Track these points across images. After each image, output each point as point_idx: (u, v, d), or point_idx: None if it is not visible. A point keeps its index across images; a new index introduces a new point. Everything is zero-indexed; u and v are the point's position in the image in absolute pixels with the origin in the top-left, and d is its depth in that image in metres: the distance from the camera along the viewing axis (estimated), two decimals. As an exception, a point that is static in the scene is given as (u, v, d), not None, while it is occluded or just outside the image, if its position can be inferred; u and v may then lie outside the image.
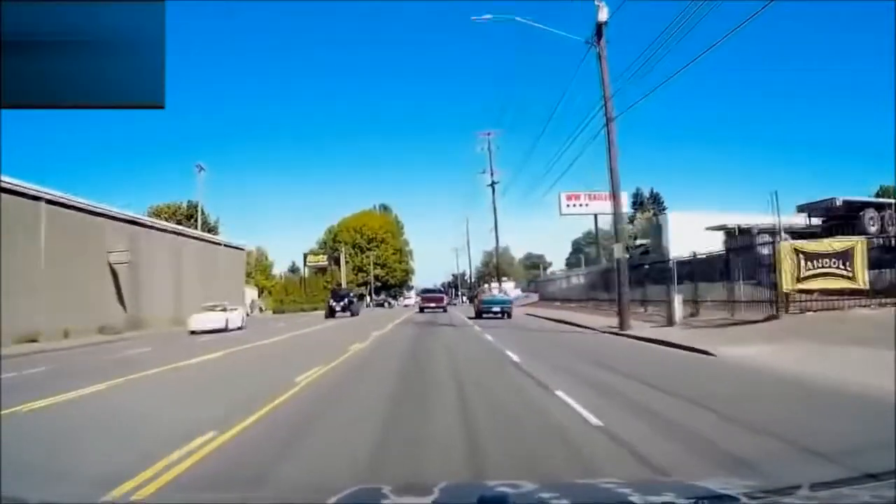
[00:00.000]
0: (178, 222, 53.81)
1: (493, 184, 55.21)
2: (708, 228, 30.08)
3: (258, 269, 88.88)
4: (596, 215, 48.07)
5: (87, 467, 5.15)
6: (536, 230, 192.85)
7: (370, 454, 5.19)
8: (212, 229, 62.59)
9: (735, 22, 14.64)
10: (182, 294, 37.64)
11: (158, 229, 39.51)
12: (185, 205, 65.00)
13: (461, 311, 46.22)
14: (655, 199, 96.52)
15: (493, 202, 56.13)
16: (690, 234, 29.33)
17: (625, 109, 20.02)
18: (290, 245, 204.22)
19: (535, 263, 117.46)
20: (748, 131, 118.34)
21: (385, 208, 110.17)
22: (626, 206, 49.41)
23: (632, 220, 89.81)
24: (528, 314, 35.93)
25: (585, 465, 4.77)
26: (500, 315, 31.59)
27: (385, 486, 2.66)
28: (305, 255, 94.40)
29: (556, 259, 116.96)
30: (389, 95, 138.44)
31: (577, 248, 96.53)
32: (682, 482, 3.10)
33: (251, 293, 79.86)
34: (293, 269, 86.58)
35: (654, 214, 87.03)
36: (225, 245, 50.99)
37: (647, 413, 6.67)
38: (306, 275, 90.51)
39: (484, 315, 31.87)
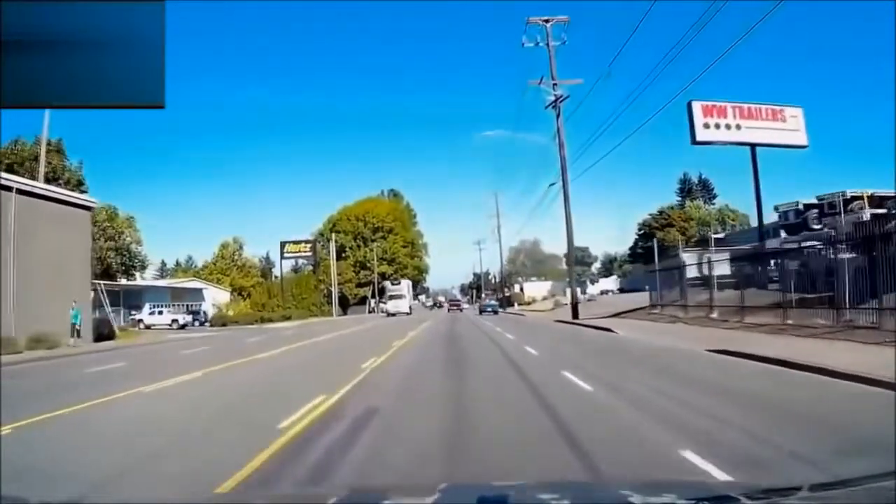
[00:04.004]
0: (10, 168, 37.07)
1: (556, 101, 32.48)
2: None
3: (235, 266, 76.01)
4: (753, 146, 26.83)
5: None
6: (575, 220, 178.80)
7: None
8: (71, 180, 42.51)
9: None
10: None
11: None
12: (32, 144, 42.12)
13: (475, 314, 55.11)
14: (705, 186, 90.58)
15: (558, 131, 33.20)
16: None
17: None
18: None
19: (576, 258, 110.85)
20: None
21: (395, 194, 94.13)
22: (802, 134, 27.87)
23: (682, 207, 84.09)
24: (736, 355, 12.22)
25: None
26: (491, 313, 51.43)
27: (385, 487, 2.66)
28: (283, 245, 72.19)
29: (598, 253, 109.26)
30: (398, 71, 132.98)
31: (647, 231, 78.01)
32: (683, 482, 3.09)
33: (214, 295, 65.14)
34: (296, 269, 77.57)
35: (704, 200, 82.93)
36: (37, 196, 25.65)
37: None
38: (293, 272, 75.65)
39: (483, 313, 52.35)
